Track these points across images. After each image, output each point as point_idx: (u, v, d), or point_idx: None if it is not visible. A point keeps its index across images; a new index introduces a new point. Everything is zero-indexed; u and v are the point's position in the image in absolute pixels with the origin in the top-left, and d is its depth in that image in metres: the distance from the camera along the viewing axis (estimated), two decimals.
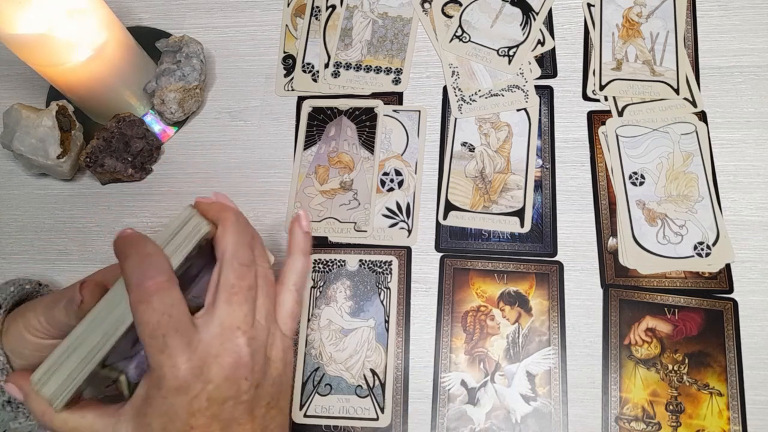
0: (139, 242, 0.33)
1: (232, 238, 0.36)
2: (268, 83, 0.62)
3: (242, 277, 0.35)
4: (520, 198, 0.55)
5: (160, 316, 0.31)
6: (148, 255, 0.33)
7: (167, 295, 0.32)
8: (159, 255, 0.33)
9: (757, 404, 0.48)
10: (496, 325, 0.52)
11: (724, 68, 0.58)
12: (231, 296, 0.34)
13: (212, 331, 0.33)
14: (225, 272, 0.35)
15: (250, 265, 0.36)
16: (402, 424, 0.50)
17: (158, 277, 0.32)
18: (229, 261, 0.35)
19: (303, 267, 0.40)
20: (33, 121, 0.55)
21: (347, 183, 0.57)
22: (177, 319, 0.32)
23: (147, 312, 0.31)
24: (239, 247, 0.36)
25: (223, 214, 0.37)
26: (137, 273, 0.32)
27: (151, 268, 0.32)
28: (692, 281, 0.51)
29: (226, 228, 0.36)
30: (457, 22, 0.62)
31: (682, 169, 0.55)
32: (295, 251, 0.41)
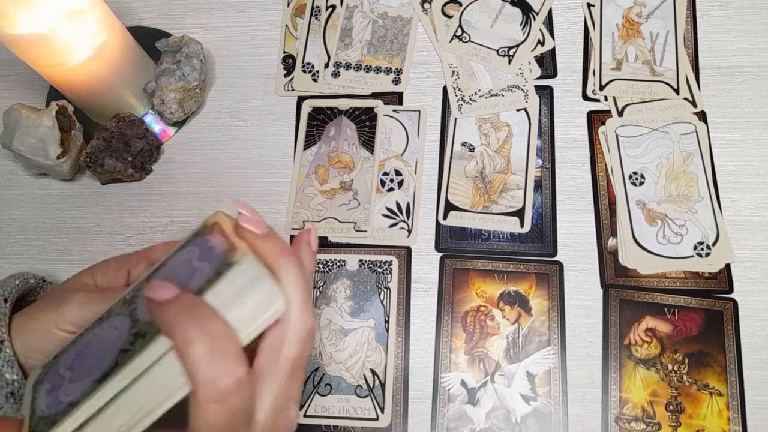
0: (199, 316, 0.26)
1: (299, 300, 0.29)
2: (268, 83, 0.62)
3: (307, 348, 0.30)
4: (520, 198, 0.55)
5: (232, 418, 0.26)
6: (217, 339, 0.26)
7: (245, 391, 0.27)
8: (229, 335, 0.27)
9: (757, 404, 0.48)
10: (496, 325, 0.52)
11: (724, 68, 0.58)
12: (294, 372, 0.30)
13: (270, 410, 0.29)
14: (291, 342, 0.29)
15: (312, 329, 0.30)
16: (402, 424, 0.50)
17: (238, 370, 0.26)
18: (297, 330, 0.29)
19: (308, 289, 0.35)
20: (33, 121, 0.55)
21: (347, 183, 0.57)
22: (247, 414, 0.27)
23: (220, 414, 0.26)
24: (305, 311, 0.30)
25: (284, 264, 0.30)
26: (209, 368, 0.25)
27: (227, 359, 0.26)
28: (692, 281, 0.51)
29: (289, 285, 0.29)
30: (457, 22, 0.62)
31: (682, 169, 0.55)
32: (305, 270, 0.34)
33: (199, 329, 0.26)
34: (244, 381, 0.26)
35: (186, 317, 0.26)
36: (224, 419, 0.26)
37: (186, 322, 0.26)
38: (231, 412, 0.26)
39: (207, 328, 0.26)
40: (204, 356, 0.25)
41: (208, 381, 0.26)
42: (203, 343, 0.25)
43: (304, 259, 0.33)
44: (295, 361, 0.29)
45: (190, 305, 0.26)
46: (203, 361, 0.25)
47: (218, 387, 0.26)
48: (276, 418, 0.29)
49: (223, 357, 0.26)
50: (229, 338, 0.26)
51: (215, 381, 0.26)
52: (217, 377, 0.25)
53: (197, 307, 0.26)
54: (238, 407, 0.26)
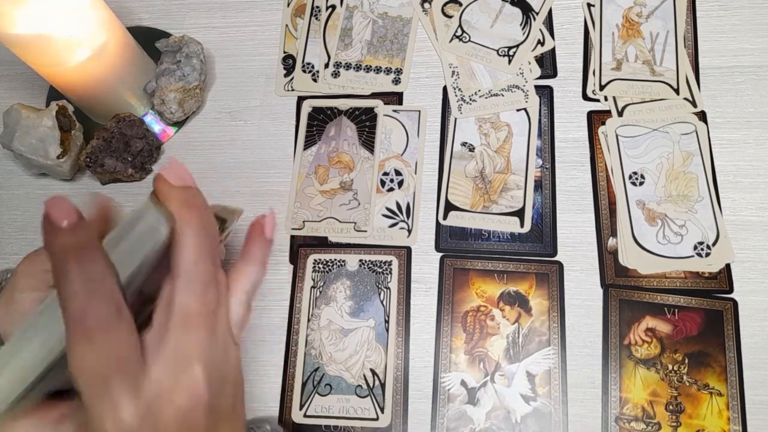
0: (83, 257, 0.26)
1: (190, 248, 0.29)
2: (268, 83, 0.62)
3: (203, 298, 0.29)
4: (520, 198, 0.55)
5: (101, 358, 0.25)
6: (92, 279, 0.26)
7: (114, 332, 0.26)
8: (106, 276, 0.26)
9: (757, 404, 0.48)
10: (496, 325, 0.52)
11: (724, 68, 0.58)
12: (188, 321, 0.28)
13: (164, 365, 0.27)
14: (182, 292, 0.28)
15: (209, 284, 0.29)
16: (402, 424, 0.50)
17: (104, 310, 0.25)
18: (188, 279, 0.29)
19: (258, 276, 0.34)
20: (33, 121, 0.55)
21: (347, 183, 0.57)
22: (122, 358, 0.26)
23: (85, 354, 0.25)
24: (201, 261, 0.29)
25: (184, 214, 0.29)
26: (77, 303, 0.25)
27: (95, 298, 0.25)
28: (692, 281, 0.51)
29: (183, 233, 0.29)
30: (457, 22, 0.62)
31: (682, 169, 0.55)
32: (252, 259, 0.34)
33: (76, 262, 0.25)
34: (112, 322, 0.26)
35: (70, 249, 0.26)
36: (92, 360, 0.25)
37: (69, 254, 0.25)
38: (101, 354, 0.25)
39: (85, 264, 0.25)
40: (75, 289, 0.25)
41: (75, 319, 0.25)
42: (78, 276, 0.25)
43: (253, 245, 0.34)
44: (188, 312, 0.28)
45: (80, 242, 0.26)
46: (74, 292, 0.25)
47: (83, 326, 0.25)
48: (174, 376, 0.27)
49: (94, 295, 0.25)
50: (105, 277, 0.26)
51: (81, 319, 0.25)
52: (85, 314, 0.25)
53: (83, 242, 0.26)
54: (109, 351, 0.26)
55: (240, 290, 0.33)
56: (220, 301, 0.31)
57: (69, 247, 0.26)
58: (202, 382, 0.28)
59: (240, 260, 0.34)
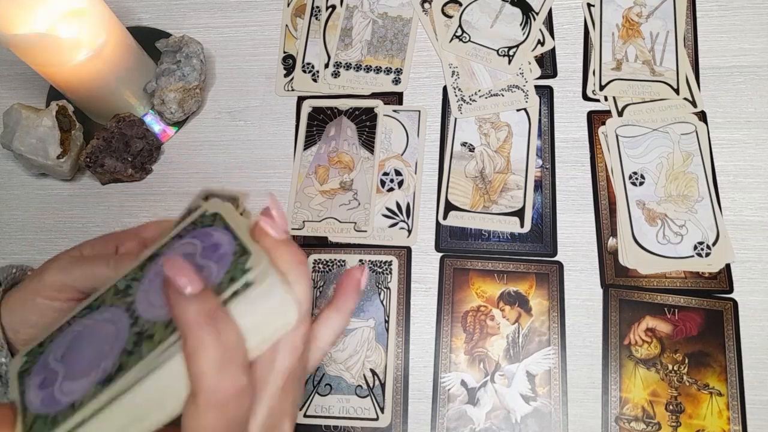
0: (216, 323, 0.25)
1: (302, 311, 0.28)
2: (268, 83, 0.62)
3: (301, 358, 0.29)
4: (520, 198, 0.55)
5: (226, 426, 0.26)
6: (228, 349, 0.25)
7: (245, 400, 0.26)
8: (240, 345, 0.26)
9: (757, 404, 0.48)
10: (496, 325, 0.52)
11: (724, 68, 0.58)
12: (286, 383, 0.28)
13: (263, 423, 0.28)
14: (285, 353, 0.28)
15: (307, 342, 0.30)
16: (402, 424, 0.50)
17: (240, 379, 0.26)
18: (293, 340, 0.28)
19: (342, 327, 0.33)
20: (33, 121, 0.55)
21: (347, 183, 0.57)
22: (241, 424, 0.27)
23: (216, 421, 0.25)
24: (304, 322, 0.29)
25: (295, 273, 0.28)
26: (213, 373, 0.25)
27: (232, 368, 0.25)
28: (692, 281, 0.51)
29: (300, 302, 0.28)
30: (457, 22, 0.62)
31: (682, 169, 0.55)
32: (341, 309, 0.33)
33: (215, 336, 0.25)
34: (245, 390, 0.26)
35: (205, 319, 0.25)
36: (219, 426, 0.26)
37: (203, 324, 0.25)
38: (227, 420, 0.26)
39: (222, 336, 0.25)
40: (213, 364, 0.25)
41: (212, 388, 0.25)
42: (216, 350, 0.25)
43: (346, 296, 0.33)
44: (288, 374, 0.28)
45: (211, 307, 0.25)
46: (211, 368, 0.25)
47: (220, 395, 0.25)
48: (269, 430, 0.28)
49: (230, 366, 0.25)
50: (239, 348, 0.26)
51: (218, 388, 0.25)
52: (221, 385, 0.25)
53: (217, 311, 0.26)
54: (235, 416, 0.26)
55: (324, 340, 0.33)
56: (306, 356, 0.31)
57: (203, 316, 0.25)
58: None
59: (329, 309, 0.33)
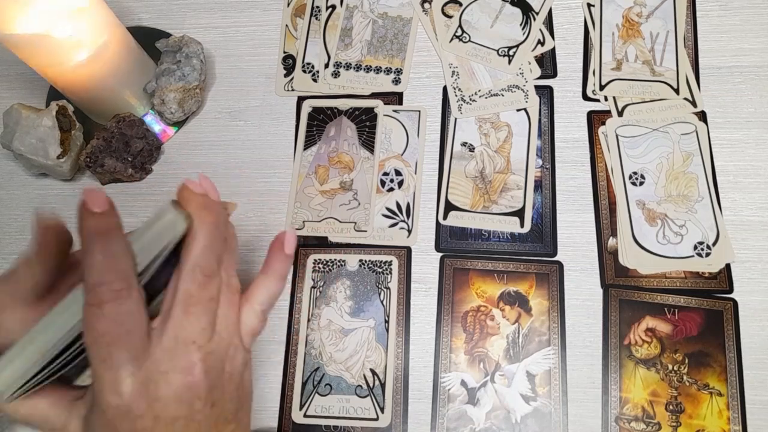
0: (107, 237, 0.30)
1: (200, 243, 0.32)
2: (268, 83, 0.62)
3: (203, 287, 0.32)
4: (520, 198, 0.55)
5: (108, 325, 0.29)
6: (112, 256, 0.29)
7: (122, 304, 0.29)
8: (123, 256, 0.30)
9: (757, 404, 0.48)
10: (496, 325, 0.52)
11: (724, 68, 0.58)
12: (188, 307, 0.31)
13: (164, 345, 0.30)
14: (184, 280, 0.32)
15: (212, 275, 0.32)
16: (402, 424, 0.50)
17: (116, 283, 0.29)
18: (191, 268, 0.32)
19: (275, 289, 0.37)
20: (33, 121, 0.55)
21: (347, 183, 0.57)
22: (128, 330, 0.29)
23: (95, 317, 0.29)
24: (205, 254, 0.32)
25: (199, 213, 0.33)
26: (96, 274, 0.29)
27: (111, 272, 0.29)
28: (692, 281, 0.51)
29: (197, 230, 0.32)
30: (457, 22, 0.62)
31: (682, 169, 0.55)
32: (271, 272, 0.37)
33: (99, 243, 0.29)
34: (121, 293, 0.29)
35: (97, 234, 0.29)
36: (100, 324, 0.29)
37: (95, 237, 0.29)
38: (108, 320, 0.29)
39: (106, 244, 0.29)
40: (95, 264, 0.29)
41: (91, 287, 0.29)
42: (99, 253, 0.29)
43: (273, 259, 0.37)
44: (189, 298, 0.31)
45: (105, 229, 0.30)
46: (94, 267, 0.29)
47: (97, 293, 0.29)
48: (171, 357, 0.30)
49: (109, 269, 0.29)
50: (122, 256, 0.30)
51: (96, 287, 0.29)
52: (99, 284, 0.29)
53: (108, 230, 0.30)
54: (116, 318, 0.29)
55: (255, 301, 0.36)
56: (222, 298, 0.33)
57: (97, 229, 0.29)
58: (198, 367, 0.31)
59: (260, 273, 0.37)
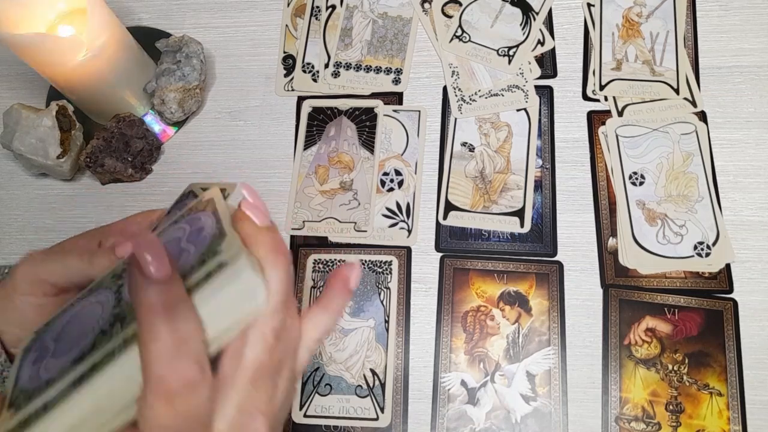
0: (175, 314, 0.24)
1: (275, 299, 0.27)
2: (268, 83, 0.62)
3: (272, 352, 0.27)
4: (520, 198, 0.55)
5: (178, 420, 0.24)
6: (181, 339, 0.24)
7: (196, 395, 0.25)
8: (196, 337, 0.25)
9: (757, 404, 0.48)
10: (496, 325, 0.52)
11: (724, 68, 0.58)
12: (257, 378, 0.27)
13: (230, 419, 0.26)
14: (256, 347, 0.27)
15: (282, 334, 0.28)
16: (402, 424, 0.50)
17: (189, 371, 0.24)
18: (262, 331, 0.27)
19: (332, 326, 0.33)
20: (33, 121, 0.55)
21: (347, 183, 0.57)
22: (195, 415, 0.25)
23: (163, 414, 0.24)
24: (278, 313, 0.27)
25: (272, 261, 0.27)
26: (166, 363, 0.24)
27: (183, 359, 0.24)
28: (692, 281, 0.51)
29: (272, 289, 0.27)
30: (457, 22, 0.62)
31: (682, 169, 0.55)
32: (330, 308, 0.32)
33: (169, 326, 0.24)
34: (196, 384, 0.25)
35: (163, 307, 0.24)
36: (172, 422, 0.24)
37: (159, 312, 0.24)
38: (179, 415, 0.24)
39: (177, 325, 0.24)
40: (163, 353, 0.24)
41: (159, 378, 0.24)
42: (167, 336, 0.24)
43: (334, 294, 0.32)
44: (259, 368, 0.27)
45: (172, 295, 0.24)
46: (161, 357, 0.24)
47: (166, 387, 0.24)
48: (238, 429, 0.27)
49: (182, 356, 0.24)
50: (195, 338, 0.25)
51: (164, 380, 0.24)
52: (170, 376, 0.24)
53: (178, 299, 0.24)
54: (188, 412, 0.25)
55: (311, 339, 0.32)
56: (289, 350, 0.29)
57: (161, 304, 0.24)
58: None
59: (317, 307, 0.32)
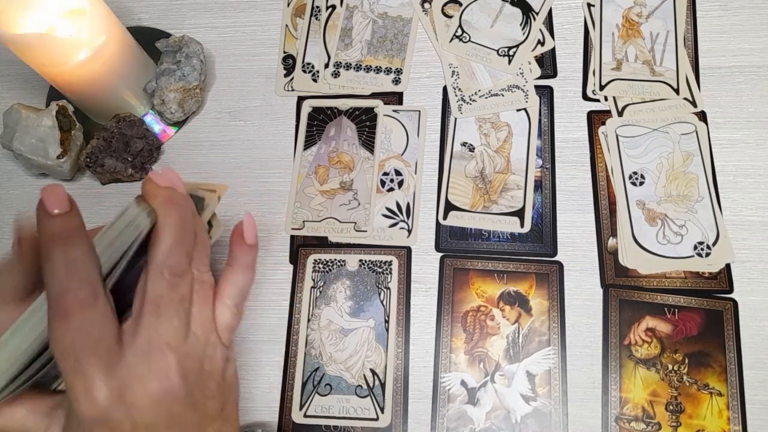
0: (68, 242, 0.28)
1: (167, 240, 0.30)
2: (268, 83, 0.62)
3: (173, 287, 0.30)
4: (520, 198, 0.55)
5: (76, 335, 0.27)
6: (74, 262, 0.28)
7: (89, 312, 0.28)
8: (86, 261, 0.28)
9: (757, 404, 0.48)
10: (496, 325, 0.52)
11: (724, 68, 0.58)
12: (159, 308, 0.30)
13: (137, 350, 0.29)
14: (153, 281, 0.30)
15: (183, 274, 0.31)
16: (402, 424, 0.50)
17: (80, 291, 0.27)
18: (159, 268, 0.30)
19: (244, 282, 0.35)
20: (33, 121, 0.55)
21: (347, 183, 0.57)
22: (97, 338, 0.28)
23: (61, 330, 0.27)
24: (173, 252, 0.31)
25: (164, 208, 0.31)
26: (57, 284, 0.27)
27: (73, 279, 0.27)
28: (692, 281, 0.51)
29: (162, 227, 0.31)
30: (457, 22, 0.62)
31: (682, 169, 0.55)
32: (236, 265, 0.35)
33: (59, 247, 0.28)
34: (86, 301, 0.28)
35: (55, 237, 0.28)
36: (67, 336, 0.27)
37: (54, 240, 0.28)
38: (74, 330, 0.27)
39: (66, 247, 0.28)
40: (55, 271, 0.27)
41: (54, 298, 0.27)
42: (60, 259, 0.27)
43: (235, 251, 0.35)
44: (160, 300, 0.30)
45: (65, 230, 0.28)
46: (54, 275, 0.27)
47: (60, 304, 0.27)
48: (146, 361, 0.29)
49: (72, 277, 0.27)
50: (84, 260, 0.28)
51: (59, 298, 0.27)
52: (62, 294, 0.27)
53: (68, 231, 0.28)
54: (83, 329, 0.27)
55: (226, 295, 0.34)
56: (195, 296, 0.32)
57: (57, 233, 0.28)
58: (174, 370, 0.29)
59: (226, 266, 0.35)
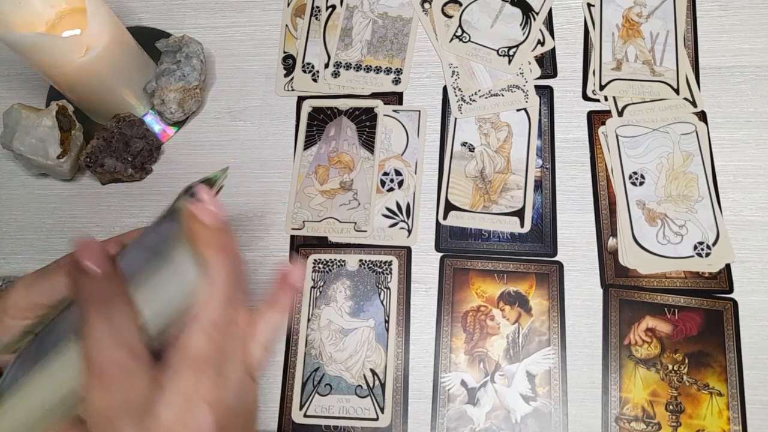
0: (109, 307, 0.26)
1: (217, 296, 0.29)
2: (268, 83, 0.62)
3: (215, 344, 0.29)
4: (520, 198, 0.55)
5: (114, 403, 0.26)
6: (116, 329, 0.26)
7: (130, 380, 0.26)
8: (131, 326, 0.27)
9: (757, 404, 0.48)
10: (496, 325, 0.52)
11: (724, 68, 0.58)
12: (199, 366, 0.28)
13: (173, 406, 0.28)
14: (194, 336, 0.28)
15: (227, 326, 0.30)
16: (402, 424, 0.50)
17: (122, 357, 0.26)
18: (202, 325, 0.29)
19: (279, 322, 0.35)
20: (33, 121, 0.55)
21: (347, 183, 0.57)
22: (132, 399, 0.27)
23: (100, 399, 0.26)
24: (221, 310, 0.29)
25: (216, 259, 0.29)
26: (100, 351, 0.26)
27: (117, 347, 0.26)
28: (692, 281, 0.51)
29: (214, 282, 0.29)
30: (457, 22, 0.62)
31: (682, 169, 0.55)
32: (276, 306, 0.35)
33: (104, 317, 0.26)
34: (131, 370, 0.26)
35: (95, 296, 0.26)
36: (110, 408, 0.26)
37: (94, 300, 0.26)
38: (117, 400, 0.26)
39: (112, 317, 0.26)
40: (97, 342, 0.26)
41: (94, 366, 0.26)
42: (101, 321, 0.26)
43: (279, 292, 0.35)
44: (200, 356, 0.28)
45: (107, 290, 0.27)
46: (95, 346, 0.26)
47: (103, 373, 0.26)
48: (182, 417, 0.28)
49: (114, 345, 0.26)
50: (128, 328, 0.27)
51: (100, 367, 0.26)
52: (104, 363, 0.26)
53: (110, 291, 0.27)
54: (125, 397, 0.26)
55: (261, 334, 0.34)
56: (236, 343, 0.31)
57: (97, 298, 0.26)
58: (209, 424, 0.29)
59: (265, 305, 0.35)
